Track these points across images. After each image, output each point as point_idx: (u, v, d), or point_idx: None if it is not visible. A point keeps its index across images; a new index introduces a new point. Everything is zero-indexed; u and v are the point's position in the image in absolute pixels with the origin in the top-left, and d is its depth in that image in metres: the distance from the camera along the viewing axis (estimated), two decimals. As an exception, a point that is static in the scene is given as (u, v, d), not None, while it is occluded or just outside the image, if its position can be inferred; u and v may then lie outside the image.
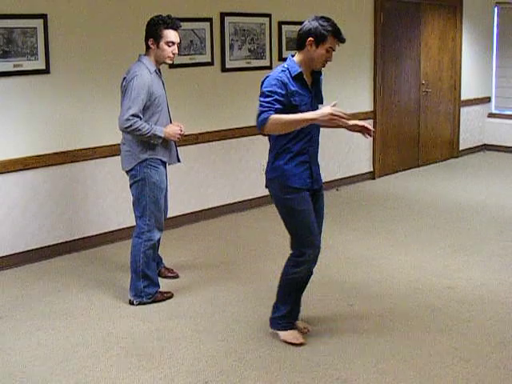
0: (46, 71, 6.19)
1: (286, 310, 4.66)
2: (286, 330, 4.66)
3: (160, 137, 5.17)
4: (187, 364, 4.35)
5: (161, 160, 5.30)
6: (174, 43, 5.22)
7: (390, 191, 9.13)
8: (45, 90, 6.24)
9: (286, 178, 4.43)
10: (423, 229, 7.28)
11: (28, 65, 6.07)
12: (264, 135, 4.40)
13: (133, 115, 5.01)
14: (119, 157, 6.00)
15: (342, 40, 4.37)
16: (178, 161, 5.56)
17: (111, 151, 6.66)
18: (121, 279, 5.84)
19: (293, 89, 4.32)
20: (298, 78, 4.36)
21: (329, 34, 4.31)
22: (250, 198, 8.15)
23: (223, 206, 7.91)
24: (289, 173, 4.43)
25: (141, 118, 5.06)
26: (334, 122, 4.20)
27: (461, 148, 11.56)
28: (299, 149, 4.44)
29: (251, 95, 7.89)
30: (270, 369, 4.27)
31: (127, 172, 5.34)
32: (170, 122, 5.43)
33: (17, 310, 5.25)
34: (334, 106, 4.19)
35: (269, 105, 4.22)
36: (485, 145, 12.02)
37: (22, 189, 6.19)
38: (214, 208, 7.82)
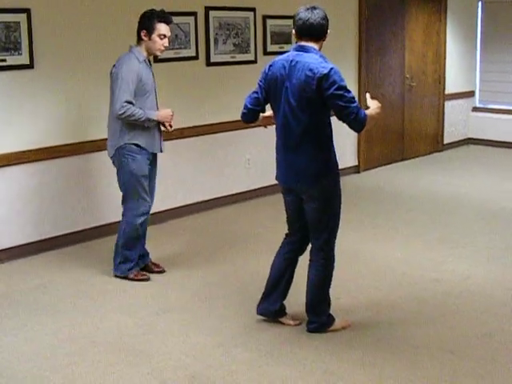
0: (30, 66, 6.14)
1: (328, 309, 4.69)
2: (334, 320, 4.70)
3: (153, 120, 5.40)
4: (174, 358, 4.34)
5: (139, 146, 5.42)
6: (165, 36, 5.42)
7: (375, 185, 9.15)
8: (29, 85, 6.20)
9: (336, 168, 4.48)
10: (409, 222, 7.30)
11: (11, 60, 6.02)
12: (358, 132, 4.43)
13: (126, 101, 5.21)
14: (104, 152, 5.99)
15: None
16: (161, 151, 5.68)
17: (97, 146, 6.63)
18: (107, 274, 5.82)
19: None
20: None
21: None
22: (235, 192, 8.13)
23: (208, 200, 7.89)
24: (336, 162, 4.49)
25: (133, 104, 5.26)
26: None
27: (445, 142, 11.58)
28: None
29: (236, 89, 7.90)
30: (257, 363, 4.27)
31: (111, 158, 5.59)
32: None
33: (2, 306, 5.22)
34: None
35: (356, 100, 4.24)
36: (469, 138, 12.04)
37: (7, 185, 6.15)
38: (199, 203, 7.80)
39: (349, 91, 4.20)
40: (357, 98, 9.26)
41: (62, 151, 6.47)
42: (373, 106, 4.43)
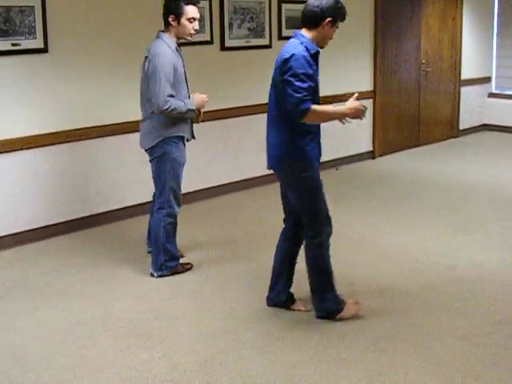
0: (44, 50, 6.15)
1: (332, 296, 4.62)
2: (343, 308, 4.64)
3: (193, 110, 5.25)
4: (186, 343, 4.35)
5: (181, 136, 5.32)
6: (195, 19, 5.22)
7: (390, 171, 9.11)
8: (43, 69, 6.20)
9: (308, 159, 4.40)
10: (423, 208, 7.27)
11: (26, 44, 6.02)
12: (298, 121, 4.29)
13: (169, 96, 5.03)
14: (118, 136, 6.00)
15: (344, 19, 4.43)
16: (193, 137, 5.59)
17: (111, 130, 6.65)
18: (119, 258, 5.84)
19: (313, 69, 4.29)
20: (314, 56, 4.32)
21: (341, 16, 4.36)
22: (250, 177, 8.12)
23: (223, 185, 7.89)
24: (311, 154, 4.41)
25: (174, 97, 5.08)
26: (359, 116, 4.32)
27: (461, 128, 11.51)
28: (316, 128, 4.44)
29: (250, 74, 7.88)
30: (269, 348, 4.27)
31: (147, 150, 5.38)
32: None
33: (16, 289, 5.25)
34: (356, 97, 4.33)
35: (306, 93, 4.18)
36: (485, 124, 11.97)
37: (21, 168, 6.16)
38: (214, 187, 7.80)
39: (303, 81, 4.16)
40: (371, 85, 9.42)
41: (74, 135, 6.47)
42: (349, 104, 4.34)
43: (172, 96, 5.07)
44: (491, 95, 11.94)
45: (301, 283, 4.80)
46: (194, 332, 4.50)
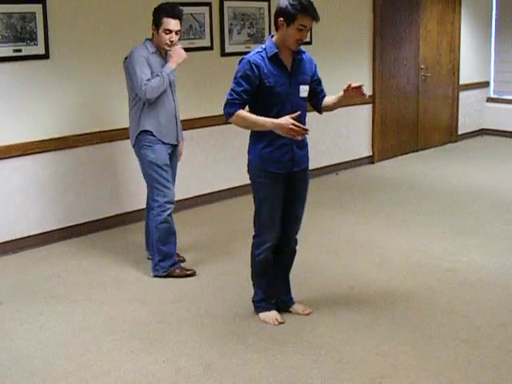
0: (46, 56, 6.18)
1: (261, 293, 4.74)
2: (266, 311, 4.72)
3: (172, 69, 5.42)
4: (189, 347, 4.37)
5: (155, 137, 5.44)
6: (171, 31, 5.36)
7: (389, 175, 9.14)
8: (44, 75, 6.22)
9: (263, 162, 4.45)
10: (423, 212, 7.30)
11: (27, 50, 6.06)
12: (228, 123, 4.49)
13: (145, 83, 5.23)
14: (119, 142, 6.04)
15: (315, 18, 4.28)
16: (177, 141, 5.66)
17: (111, 136, 6.67)
18: (122, 263, 5.86)
19: (265, 71, 4.31)
20: (273, 59, 4.35)
21: (298, 13, 4.23)
22: (249, 183, 8.11)
23: (222, 190, 7.91)
24: (267, 157, 4.44)
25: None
26: (290, 135, 4.21)
27: (459, 132, 11.54)
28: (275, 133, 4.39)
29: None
30: (272, 352, 4.29)
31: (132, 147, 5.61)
32: (174, 104, 5.58)
33: (18, 294, 5.27)
34: (294, 117, 4.21)
35: (237, 96, 4.31)
36: (483, 129, 12.00)
37: (23, 174, 6.19)
38: (214, 193, 7.82)
39: (239, 84, 4.32)
40: (370, 90, 9.44)
41: (76, 141, 6.50)
42: (279, 120, 4.24)
43: (146, 84, 5.26)
44: (489, 100, 11.97)
45: (301, 286, 4.82)
46: (197, 336, 4.52)
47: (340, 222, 6.89)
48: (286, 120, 4.18)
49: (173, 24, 5.35)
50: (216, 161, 7.80)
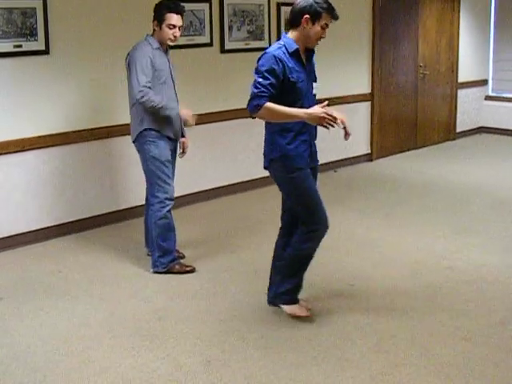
0: (46, 52, 6.17)
1: (293, 285, 4.67)
2: (293, 303, 4.69)
3: (166, 109, 5.36)
4: (190, 344, 4.37)
5: (160, 133, 5.44)
6: (174, 26, 5.41)
7: (388, 173, 9.14)
8: (44, 71, 6.22)
9: (289, 158, 4.42)
10: (422, 210, 7.31)
11: (27, 45, 6.05)
12: (252, 118, 4.39)
13: (143, 86, 5.22)
14: (119, 138, 6.04)
15: (335, 17, 4.40)
16: (182, 136, 5.73)
17: (111, 132, 6.67)
18: (122, 259, 5.86)
19: (290, 65, 4.30)
20: (294, 55, 4.36)
21: (324, 12, 4.33)
22: (248, 179, 8.15)
23: (221, 187, 7.92)
24: (292, 153, 4.42)
25: (151, 89, 5.27)
26: (324, 124, 4.23)
27: (458, 130, 11.55)
28: (300, 128, 4.42)
29: (250, 76, 7.86)
30: (272, 348, 4.30)
31: (133, 143, 5.60)
32: (177, 100, 5.60)
33: (18, 291, 5.27)
34: (324, 106, 4.23)
35: (264, 89, 4.23)
36: (481, 127, 12.01)
37: (22, 170, 6.18)
38: (212, 189, 7.82)
39: (265, 77, 4.23)
40: (369, 88, 9.45)
41: (76, 137, 6.49)
42: (310, 109, 4.27)
43: (148, 88, 5.24)
44: (488, 98, 11.99)
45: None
46: (198, 333, 4.52)
47: (339, 220, 6.88)
48: (318, 109, 4.21)
49: (176, 19, 5.39)
50: (215, 157, 7.80)
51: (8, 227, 6.17)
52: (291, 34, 4.42)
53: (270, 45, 7.96)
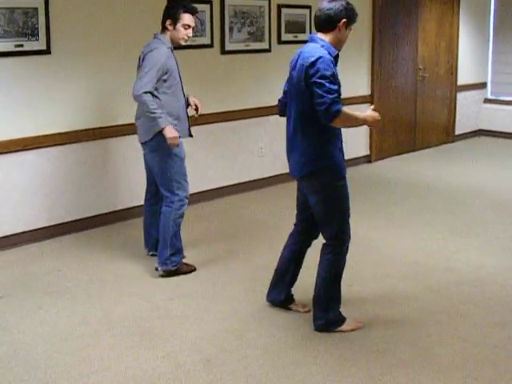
0: (47, 52, 6.18)
1: (339, 305, 4.57)
2: (344, 321, 4.57)
3: (160, 127, 5.23)
4: (189, 342, 4.38)
5: (178, 131, 5.37)
6: (189, 26, 5.42)
7: (387, 175, 9.16)
8: (45, 71, 6.23)
9: (337, 165, 4.34)
10: (421, 212, 7.33)
11: (29, 45, 6.06)
12: (328, 124, 4.18)
13: (145, 92, 5.13)
14: (120, 137, 6.02)
15: (355, 22, 4.41)
16: (190, 135, 5.65)
17: (113, 132, 6.70)
18: (122, 258, 5.88)
19: (335, 70, 4.24)
20: (335, 60, 4.28)
21: (356, 17, 4.34)
22: (248, 180, 8.17)
23: (221, 188, 7.93)
24: (338, 160, 4.35)
25: (153, 95, 5.18)
26: (377, 126, 4.42)
27: (456, 133, 11.58)
28: (339, 135, 4.40)
29: (250, 78, 7.93)
30: (271, 348, 4.31)
31: (145, 143, 5.46)
32: (185, 98, 5.57)
33: (18, 289, 5.28)
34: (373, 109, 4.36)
35: (337, 94, 4.12)
36: (480, 130, 12.04)
37: (23, 169, 6.20)
38: (213, 190, 7.83)
39: (332, 83, 4.10)
40: (368, 89, 9.47)
41: (76, 137, 6.51)
42: (370, 112, 4.35)
43: (151, 93, 5.18)
44: (487, 101, 12.02)
45: (300, 284, 4.84)
46: (197, 332, 4.53)
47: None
48: (375, 112, 4.30)
49: (191, 19, 5.41)
50: (215, 158, 7.81)
51: (8, 226, 6.18)
52: (326, 37, 4.31)
53: (270, 46, 8.04)
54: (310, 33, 8.43)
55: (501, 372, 4.01)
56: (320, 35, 4.34)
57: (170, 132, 5.25)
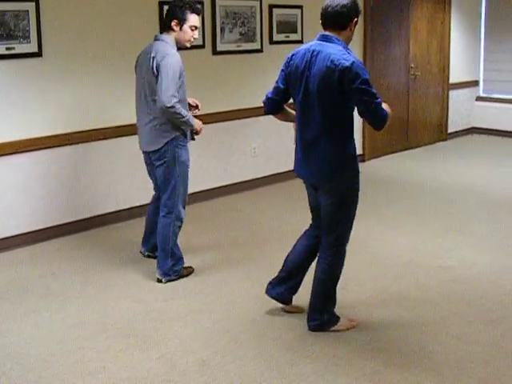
0: (39, 54, 6.18)
1: (334, 307, 4.58)
2: (339, 320, 4.58)
3: (192, 125, 5.27)
4: (184, 344, 4.39)
5: (186, 138, 5.35)
6: (196, 28, 5.29)
7: (380, 174, 9.18)
8: (37, 73, 6.23)
9: (355, 164, 4.30)
10: (413, 210, 7.34)
11: (20, 48, 6.05)
12: (379, 129, 4.14)
13: (173, 95, 5.01)
14: (113, 139, 5.99)
15: None
16: (192, 139, 5.55)
17: (105, 134, 6.69)
18: (116, 260, 5.88)
19: None
20: None
21: (359, 15, 4.21)
22: (241, 180, 8.17)
23: (214, 188, 7.93)
24: (354, 156, 4.30)
25: (176, 98, 5.06)
26: None
27: (449, 131, 11.61)
28: None
29: (242, 78, 7.93)
30: (265, 348, 4.32)
31: (153, 152, 5.34)
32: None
33: (11, 292, 5.28)
34: None
35: (380, 98, 4.06)
36: (473, 128, 12.07)
37: (15, 172, 6.19)
38: (205, 191, 7.83)
39: (371, 86, 4.01)
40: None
41: (69, 139, 6.50)
42: (385, 105, 4.17)
43: (175, 97, 5.04)
44: (479, 99, 12.06)
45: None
46: (191, 333, 4.54)
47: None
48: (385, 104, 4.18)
49: (198, 20, 5.29)
50: (208, 159, 7.81)
51: (1, 229, 6.18)
52: (340, 36, 4.15)
53: (261, 47, 8.04)
54: (302, 33, 8.46)
55: (493, 370, 4.02)
56: (333, 34, 4.17)
57: (198, 124, 5.37)
